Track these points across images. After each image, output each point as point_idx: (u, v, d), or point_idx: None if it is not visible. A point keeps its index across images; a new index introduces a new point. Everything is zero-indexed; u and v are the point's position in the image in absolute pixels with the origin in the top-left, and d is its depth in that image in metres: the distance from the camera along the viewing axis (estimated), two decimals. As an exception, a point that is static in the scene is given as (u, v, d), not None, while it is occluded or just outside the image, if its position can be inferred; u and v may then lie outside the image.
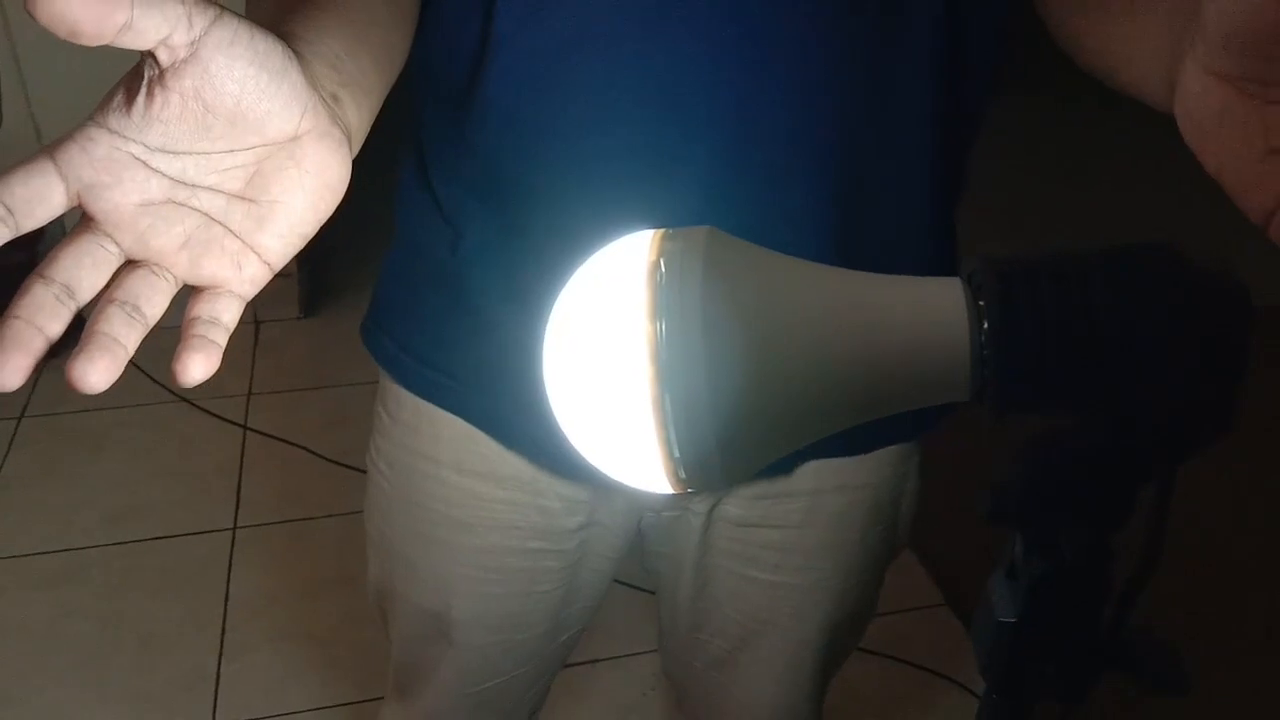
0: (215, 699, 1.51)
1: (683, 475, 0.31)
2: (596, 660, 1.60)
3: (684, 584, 0.83)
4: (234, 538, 1.79)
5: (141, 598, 1.66)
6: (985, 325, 0.31)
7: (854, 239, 0.62)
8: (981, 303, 0.31)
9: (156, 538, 1.78)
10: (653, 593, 0.88)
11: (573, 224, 0.59)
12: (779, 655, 0.85)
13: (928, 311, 0.31)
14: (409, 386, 0.72)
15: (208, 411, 2.05)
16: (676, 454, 0.31)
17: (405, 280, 0.72)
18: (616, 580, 0.84)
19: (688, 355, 0.30)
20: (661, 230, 0.33)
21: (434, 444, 0.72)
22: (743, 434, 0.31)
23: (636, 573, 0.84)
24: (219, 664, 1.56)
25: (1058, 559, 0.35)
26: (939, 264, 0.69)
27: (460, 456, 0.72)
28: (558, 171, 0.59)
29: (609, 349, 0.31)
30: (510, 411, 0.68)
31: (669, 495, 0.74)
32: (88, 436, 2.00)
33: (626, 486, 0.33)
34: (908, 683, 1.61)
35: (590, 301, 0.32)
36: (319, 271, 2.38)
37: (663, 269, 0.31)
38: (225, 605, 1.66)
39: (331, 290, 2.40)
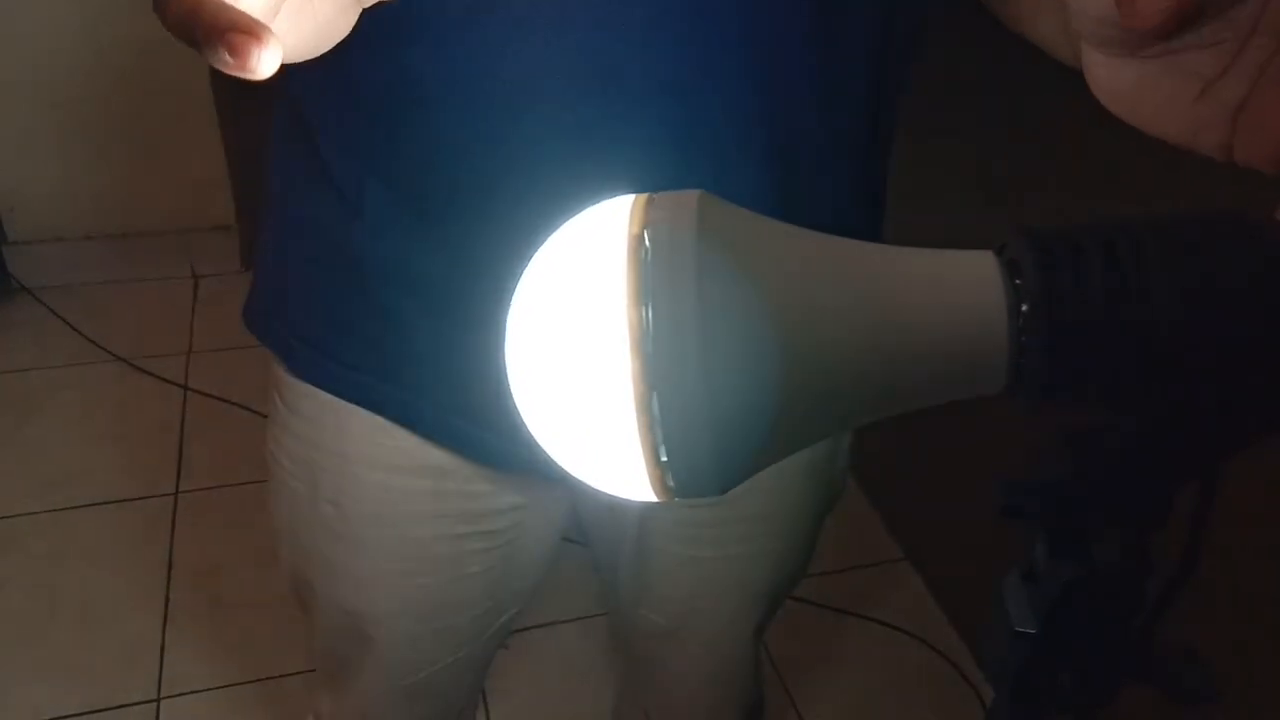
0: (160, 670, 1.46)
1: (671, 483, 0.27)
2: (554, 623, 1.57)
3: (623, 565, 0.80)
4: (176, 503, 1.72)
5: (79, 567, 1.59)
6: (1024, 307, 0.26)
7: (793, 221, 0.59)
8: (1018, 281, 0.27)
9: (94, 504, 1.70)
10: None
11: (490, 211, 0.54)
12: (719, 625, 0.84)
13: (957, 291, 0.27)
14: (307, 378, 0.65)
15: (146, 371, 1.97)
16: (665, 459, 0.26)
17: (291, 258, 0.65)
18: (575, 541, 0.81)
19: (680, 346, 0.25)
20: (644, 195, 0.28)
21: (341, 438, 0.66)
22: (743, 436, 0.26)
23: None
24: (163, 634, 1.50)
25: (1088, 563, 0.32)
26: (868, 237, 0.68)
27: (373, 451, 0.65)
28: (475, 153, 0.53)
29: (584, 340, 0.26)
30: (426, 404, 0.63)
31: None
32: (18, 400, 1.90)
33: (603, 494, 0.29)
34: (868, 638, 1.61)
35: (560, 283, 0.27)
36: (258, 223, 2.29)
37: (648, 243, 0.26)
38: (169, 573, 1.60)
39: (274, 243, 2.31)
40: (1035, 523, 0.33)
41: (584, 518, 0.79)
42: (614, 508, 0.77)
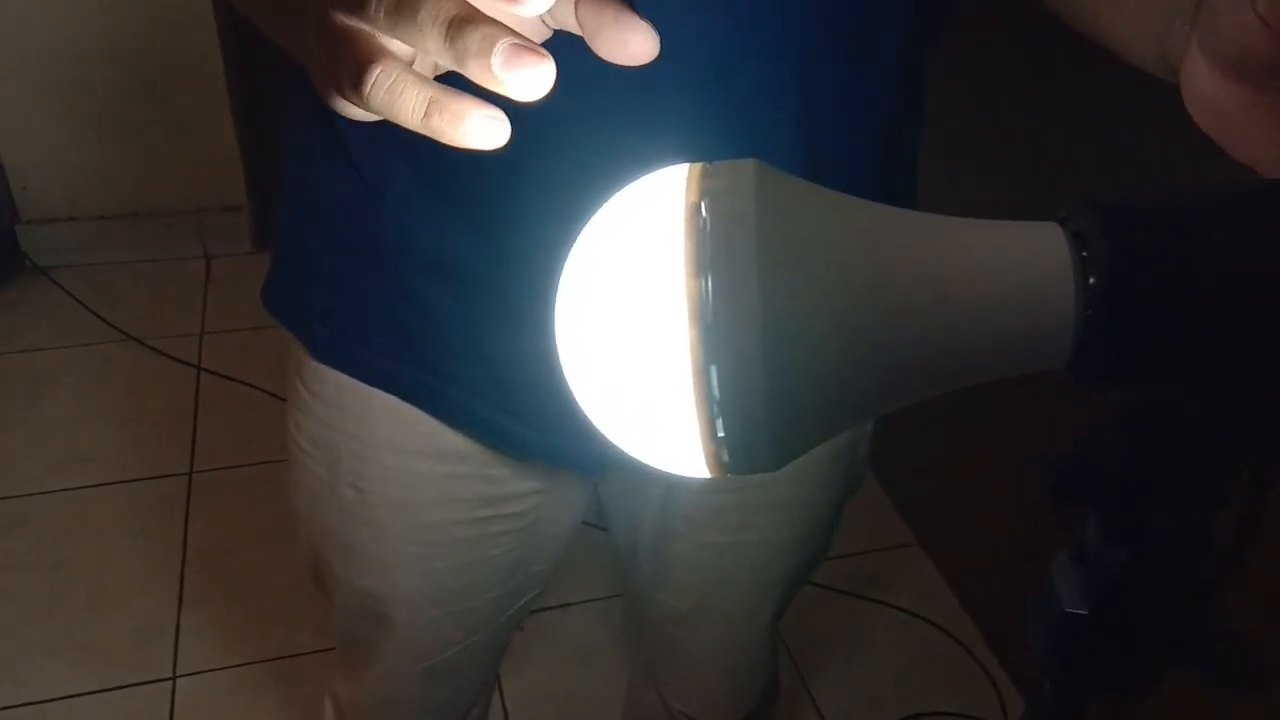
0: (175, 651, 1.46)
1: (727, 459, 0.26)
2: (568, 604, 1.57)
3: (642, 547, 0.80)
4: (190, 483, 1.72)
5: (92, 547, 1.60)
6: (1091, 280, 0.26)
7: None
8: (1085, 253, 0.26)
9: (107, 483, 1.70)
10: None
11: (517, 193, 0.53)
12: (736, 610, 0.85)
13: (1022, 263, 0.26)
14: (329, 362, 0.65)
15: (159, 351, 1.97)
16: (721, 434, 0.26)
17: (311, 240, 0.64)
18: (590, 524, 0.80)
19: (740, 318, 0.24)
20: (700, 164, 0.27)
21: (364, 423, 0.65)
22: (801, 411, 0.26)
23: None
24: (178, 615, 1.51)
25: (1141, 545, 0.31)
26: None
27: (396, 435, 0.65)
28: None
29: (640, 311, 0.26)
30: (449, 388, 0.62)
31: (643, 469, 0.70)
32: (31, 379, 1.91)
33: (659, 471, 0.28)
34: (880, 622, 1.61)
35: (614, 253, 0.27)
36: (270, 203, 2.28)
37: (706, 213, 0.25)
38: (183, 554, 1.60)
39: (285, 224, 2.31)
40: (1085, 503, 0.33)
41: (605, 501, 0.79)
42: (636, 491, 0.76)
